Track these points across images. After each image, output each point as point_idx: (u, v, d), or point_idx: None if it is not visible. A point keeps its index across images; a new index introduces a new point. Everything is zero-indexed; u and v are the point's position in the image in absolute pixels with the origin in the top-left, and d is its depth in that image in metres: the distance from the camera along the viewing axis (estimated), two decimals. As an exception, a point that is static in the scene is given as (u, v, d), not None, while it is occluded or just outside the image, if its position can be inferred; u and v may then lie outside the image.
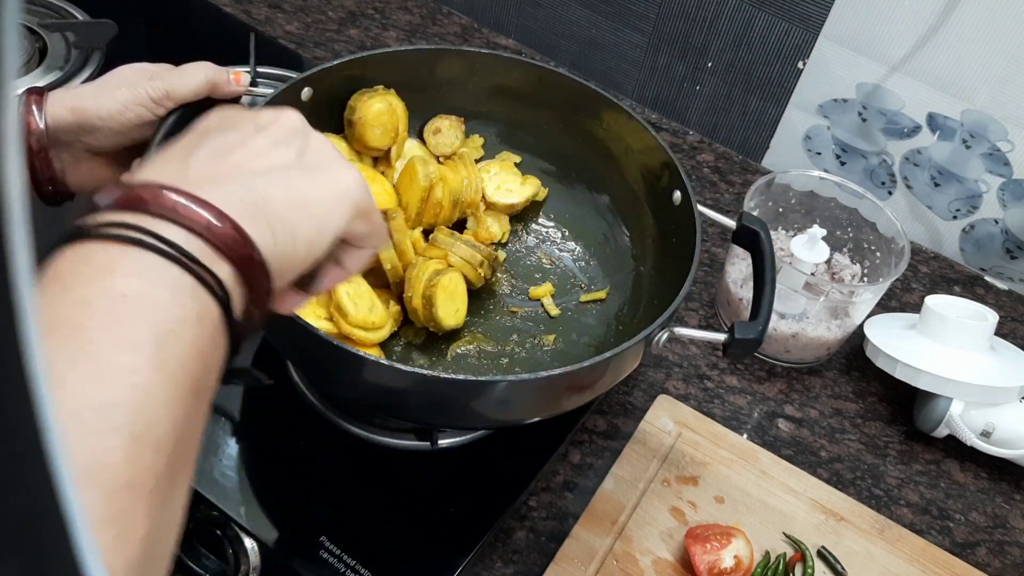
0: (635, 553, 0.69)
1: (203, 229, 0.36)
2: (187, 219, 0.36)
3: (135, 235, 0.35)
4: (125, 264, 0.34)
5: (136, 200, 0.36)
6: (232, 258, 0.37)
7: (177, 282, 0.35)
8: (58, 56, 0.98)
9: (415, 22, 1.19)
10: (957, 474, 0.82)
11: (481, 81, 0.82)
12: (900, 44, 0.93)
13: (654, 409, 0.79)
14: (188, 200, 0.36)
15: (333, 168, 0.44)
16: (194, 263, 0.35)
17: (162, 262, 0.35)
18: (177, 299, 0.34)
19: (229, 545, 0.65)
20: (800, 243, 0.85)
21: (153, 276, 0.34)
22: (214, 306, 0.36)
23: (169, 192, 0.36)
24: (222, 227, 0.37)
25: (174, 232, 0.35)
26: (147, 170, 0.40)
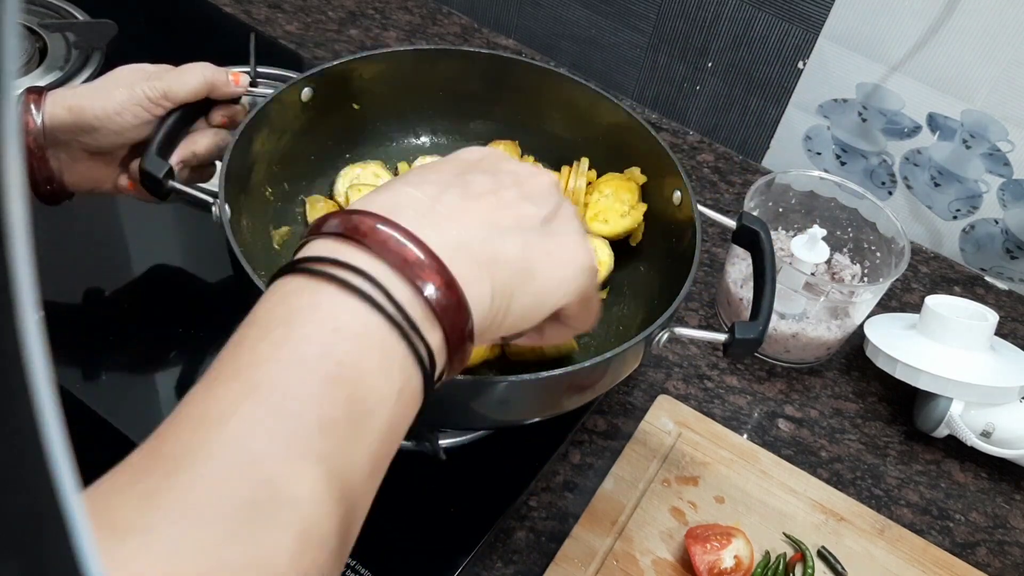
0: (635, 553, 0.69)
1: (430, 292, 0.35)
2: (418, 278, 0.35)
3: (369, 290, 0.34)
4: (352, 323, 0.33)
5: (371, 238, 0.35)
6: (446, 328, 0.36)
7: (392, 352, 0.34)
8: (58, 56, 0.98)
9: (415, 22, 1.19)
10: (957, 474, 0.82)
11: (481, 81, 0.82)
12: (900, 44, 0.93)
13: (654, 409, 0.79)
14: (426, 256, 0.35)
15: (571, 244, 0.42)
16: (413, 331, 0.34)
17: (387, 329, 0.34)
18: (389, 372, 0.34)
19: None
20: (800, 243, 0.85)
21: (374, 344, 0.33)
22: (417, 379, 0.35)
23: (408, 242, 0.35)
24: (448, 294, 0.35)
25: (403, 290, 0.34)
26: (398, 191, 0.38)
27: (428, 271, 0.35)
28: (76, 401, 0.70)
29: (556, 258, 0.41)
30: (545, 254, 0.40)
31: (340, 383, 0.32)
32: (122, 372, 0.73)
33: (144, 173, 0.64)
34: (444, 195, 0.39)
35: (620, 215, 0.79)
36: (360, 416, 0.32)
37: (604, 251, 0.78)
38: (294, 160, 0.77)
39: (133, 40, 1.03)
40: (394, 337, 0.34)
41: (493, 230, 0.39)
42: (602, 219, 0.79)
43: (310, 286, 0.34)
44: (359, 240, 0.35)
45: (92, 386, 0.71)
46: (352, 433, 0.32)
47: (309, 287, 0.34)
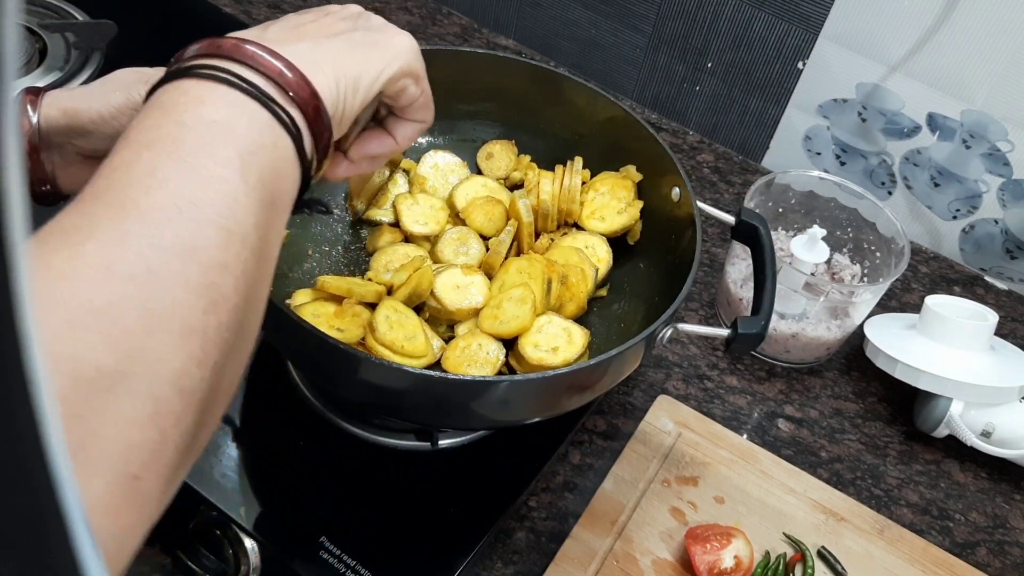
0: (635, 553, 0.69)
1: (276, 76, 0.42)
2: (263, 66, 0.42)
3: (222, 75, 0.41)
4: (215, 97, 0.40)
5: (220, 48, 0.43)
6: (300, 104, 0.43)
7: (256, 114, 0.41)
8: (58, 56, 0.98)
9: (415, 22, 1.19)
10: (957, 474, 0.82)
11: (480, 81, 0.82)
12: (900, 44, 0.93)
13: (654, 409, 0.79)
14: (264, 52, 0.43)
15: (389, 31, 0.51)
16: (271, 100, 0.41)
17: (244, 98, 0.41)
18: (256, 128, 0.41)
19: (229, 546, 0.65)
20: (800, 243, 0.85)
21: (237, 108, 0.41)
22: (287, 139, 0.42)
23: (248, 44, 0.43)
24: (292, 76, 0.43)
25: (252, 76, 0.42)
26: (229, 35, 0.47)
27: (270, 62, 0.43)
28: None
29: (378, 40, 0.50)
30: (369, 40, 0.49)
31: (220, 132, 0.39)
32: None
33: None
34: (268, 29, 0.48)
35: (616, 212, 0.79)
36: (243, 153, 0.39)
37: (602, 248, 0.78)
38: None
39: (133, 40, 1.03)
40: (254, 104, 0.41)
41: (319, 39, 0.47)
42: (599, 216, 0.79)
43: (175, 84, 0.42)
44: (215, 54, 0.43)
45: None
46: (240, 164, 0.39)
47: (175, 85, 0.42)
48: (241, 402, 0.73)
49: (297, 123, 0.43)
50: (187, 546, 0.66)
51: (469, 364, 0.68)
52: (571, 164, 0.80)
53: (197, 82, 0.41)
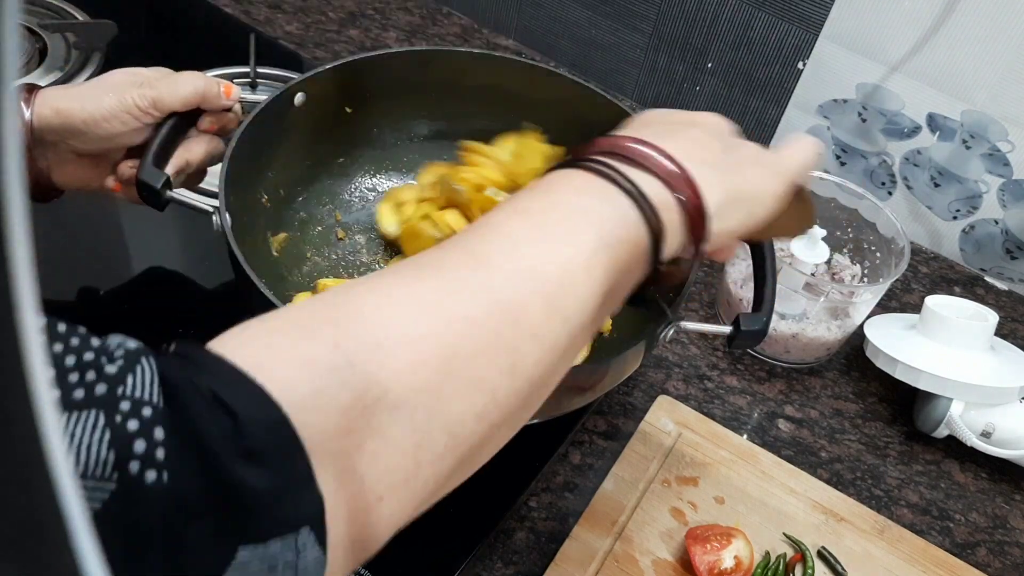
0: (635, 554, 0.69)
1: (663, 173, 0.43)
2: (652, 165, 0.44)
3: (607, 170, 0.43)
4: (592, 187, 0.42)
5: (617, 147, 0.44)
6: (688, 216, 0.44)
7: (626, 211, 0.42)
8: (58, 56, 0.98)
9: (415, 23, 1.19)
10: (957, 474, 0.82)
11: (480, 81, 0.82)
12: (900, 44, 0.93)
13: (654, 409, 0.79)
14: (655, 152, 0.44)
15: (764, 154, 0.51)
16: (643, 200, 0.42)
17: (619, 194, 0.42)
18: (621, 223, 0.42)
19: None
20: (800, 243, 0.85)
21: (610, 202, 0.42)
22: (647, 238, 0.43)
23: (641, 145, 0.44)
24: (679, 174, 0.44)
25: (638, 175, 0.43)
26: (634, 126, 0.49)
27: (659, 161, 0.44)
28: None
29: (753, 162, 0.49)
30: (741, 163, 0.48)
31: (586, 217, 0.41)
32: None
33: (141, 184, 0.63)
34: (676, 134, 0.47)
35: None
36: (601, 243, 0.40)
37: None
38: (289, 165, 0.77)
39: (133, 40, 1.03)
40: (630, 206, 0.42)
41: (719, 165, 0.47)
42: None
43: (564, 172, 0.44)
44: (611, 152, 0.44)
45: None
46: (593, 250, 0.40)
47: (564, 172, 0.44)
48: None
49: (666, 225, 0.43)
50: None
51: None
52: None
53: (583, 172, 0.43)
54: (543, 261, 0.39)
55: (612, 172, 0.43)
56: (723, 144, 0.49)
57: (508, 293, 0.37)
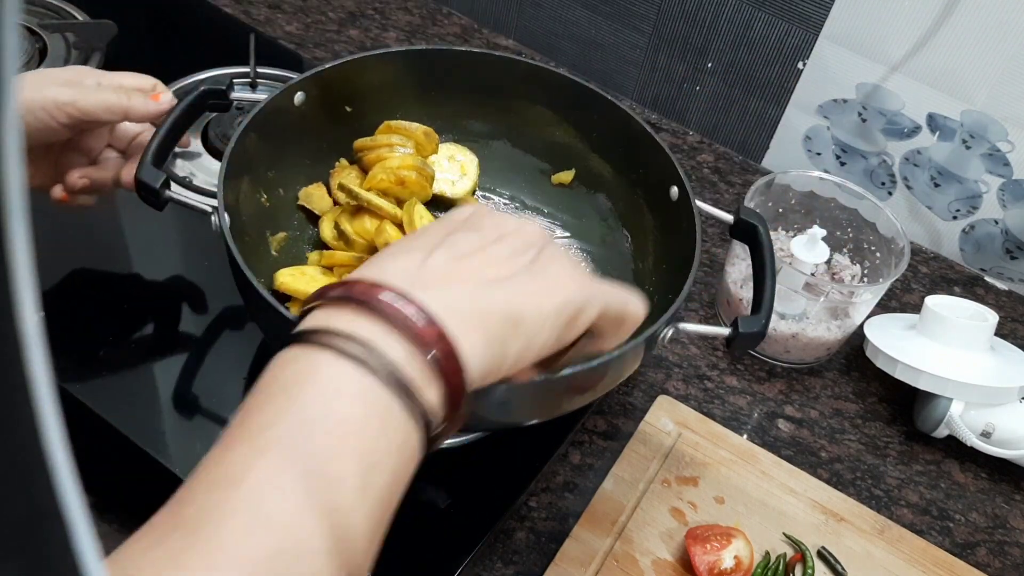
0: (635, 554, 0.69)
1: (426, 348, 0.37)
2: (413, 335, 0.37)
3: (363, 355, 0.36)
4: (350, 386, 0.36)
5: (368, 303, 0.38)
6: (444, 382, 0.38)
7: (390, 411, 0.36)
8: (58, 56, 0.98)
9: (415, 22, 1.19)
10: (957, 474, 0.82)
11: (479, 81, 0.82)
12: (900, 44, 0.93)
13: (654, 409, 0.79)
14: (420, 314, 0.38)
15: (553, 278, 0.44)
16: (410, 394, 0.37)
17: (382, 388, 0.36)
18: (387, 430, 0.36)
19: (229, 545, 0.65)
20: (800, 243, 0.85)
21: (371, 403, 0.36)
22: (416, 435, 0.38)
23: (401, 303, 0.38)
24: (444, 350, 0.38)
25: (399, 350, 0.37)
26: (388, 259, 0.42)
27: (421, 328, 0.38)
28: (76, 401, 0.70)
29: (540, 297, 0.43)
30: (530, 296, 0.42)
31: (343, 439, 0.35)
32: (122, 372, 0.73)
33: (140, 183, 0.63)
34: (430, 259, 0.42)
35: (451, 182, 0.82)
36: (364, 470, 0.35)
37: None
38: (289, 165, 0.77)
39: (133, 40, 1.03)
40: (389, 396, 0.36)
41: (479, 286, 0.41)
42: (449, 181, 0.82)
43: (308, 354, 0.37)
44: (354, 302, 0.38)
45: (92, 386, 0.71)
46: (358, 486, 0.35)
47: (307, 355, 0.37)
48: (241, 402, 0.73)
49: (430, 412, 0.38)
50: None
51: None
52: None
53: (334, 359, 0.36)
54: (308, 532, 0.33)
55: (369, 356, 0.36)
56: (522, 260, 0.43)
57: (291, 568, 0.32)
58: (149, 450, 0.68)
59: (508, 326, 0.41)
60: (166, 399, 0.72)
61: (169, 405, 0.72)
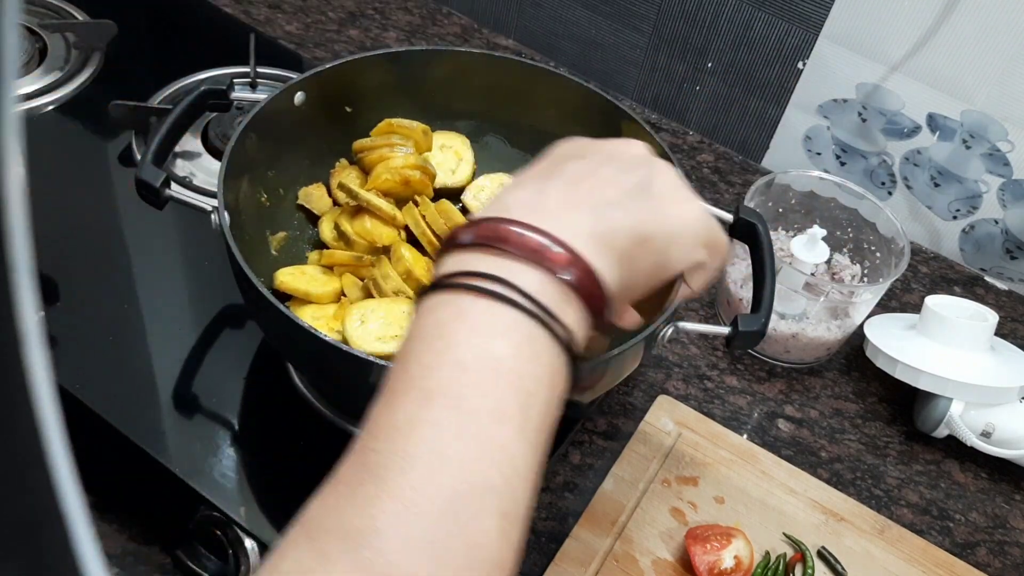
0: (635, 553, 0.69)
1: (560, 271, 0.39)
2: (547, 262, 0.39)
3: (503, 291, 0.38)
4: (495, 323, 0.38)
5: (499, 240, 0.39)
6: (583, 298, 0.40)
7: (537, 341, 0.38)
8: (58, 56, 0.98)
9: (415, 22, 1.19)
10: (957, 474, 0.82)
11: (479, 81, 0.82)
12: (900, 44, 0.93)
13: (654, 409, 0.79)
14: (547, 240, 0.39)
15: (677, 201, 0.45)
16: (552, 319, 0.38)
17: (525, 320, 0.38)
18: (536, 358, 0.38)
19: (229, 546, 0.65)
20: (800, 243, 0.85)
21: (519, 337, 0.38)
22: (563, 358, 0.39)
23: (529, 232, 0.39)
24: (578, 270, 0.39)
25: (535, 280, 0.38)
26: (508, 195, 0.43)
27: (552, 253, 0.39)
28: (76, 401, 0.70)
29: (665, 217, 0.44)
30: (655, 216, 0.44)
31: (500, 375, 0.37)
32: (122, 372, 0.73)
33: (140, 183, 0.63)
34: (547, 188, 0.43)
35: (451, 171, 0.82)
36: (524, 400, 0.37)
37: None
38: (289, 165, 0.77)
39: (133, 40, 1.03)
40: (532, 325, 0.38)
41: (600, 207, 0.42)
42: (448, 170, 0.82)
43: (450, 298, 0.39)
44: (485, 244, 0.40)
45: (92, 386, 0.71)
46: (521, 417, 0.36)
47: (450, 298, 0.39)
48: (241, 402, 0.73)
49: (573, 330, 0.39)
50: (187, 546, 0.66)
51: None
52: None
53: (475, 299, 0.38)
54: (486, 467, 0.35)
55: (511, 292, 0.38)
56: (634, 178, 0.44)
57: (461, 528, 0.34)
58: (149, 450, 0.68)
59: (635, 243, 0.42)
60: (166, 399, 0.72)
61: (169, 405, 0.72)
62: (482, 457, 0.35)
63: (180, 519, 0.67)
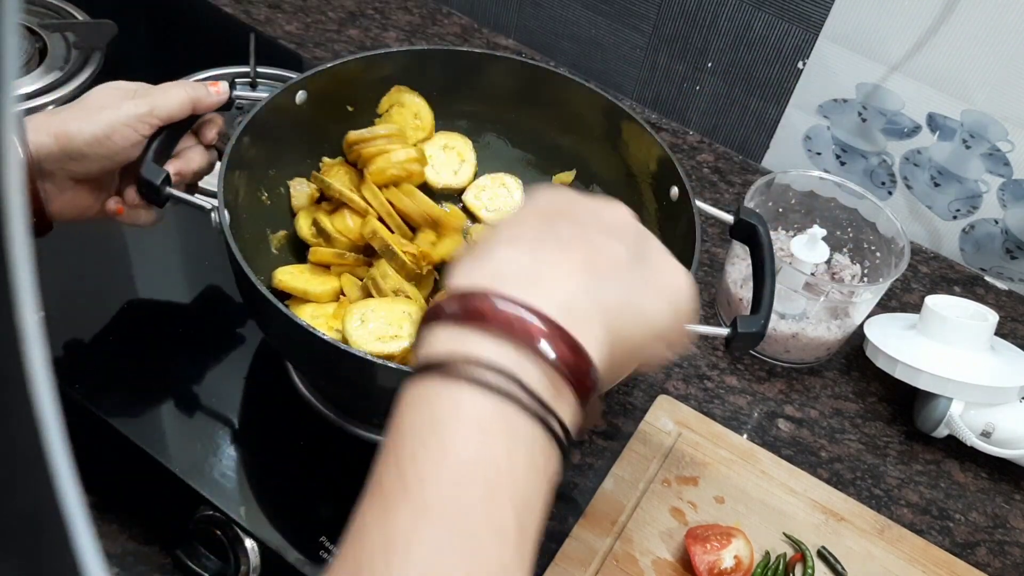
0: (635, 553, 0.69)
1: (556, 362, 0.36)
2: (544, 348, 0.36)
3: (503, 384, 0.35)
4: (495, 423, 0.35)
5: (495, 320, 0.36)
6: (575, 388, 0.37)
7: (533, 440, 0.36)
8: (58, 56, 0.98)
9: (415, 22, 1.19)
10: (957, 474, 0.82)
11: (479, 81, 0.82)
12: (900, 44, 0.93)
13: (654, 409, 0.79)
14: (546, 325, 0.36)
15: (665, 269, 0.44)
16: (549, 414, 0.36)
17: (525, 420, 0.36)
18: (533, 460, 0.36)
19: (229, 545, 0.65)
20: (800, 243, 0.85)
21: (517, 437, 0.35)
22: (556, 453, 0.37)
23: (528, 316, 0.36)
24: (574, 356, 0.37)
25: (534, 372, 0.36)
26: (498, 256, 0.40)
27: (552, 339, 0.36)
28: (76, 401, 0.70)
29: (655, 286, 0.42)
30: (644, 286, 0.42)
31: (499, 487, 0.35)
32: (122, 372, 0.73)
33: (142, 180, 0.63)
34: (540, 252, 0.40)
35: (453, 172, 0.82)
36: (519, 514, 0.35)
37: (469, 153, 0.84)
38: (289, 164, 0.77)
39: (133, 40, 1.03)
40: (531, 425, 0.36)
41: (593, 279, 0.40)
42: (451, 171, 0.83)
43: (448, 389, 0.36)
44: (481, 323, 0.37)
45: (92, 386, 0.71)
46: (519, 534, 0.35)
47: (447, 390, 0.36)
48: (241, 402, 0.73)
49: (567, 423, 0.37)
50: (187, 546, 0.66)
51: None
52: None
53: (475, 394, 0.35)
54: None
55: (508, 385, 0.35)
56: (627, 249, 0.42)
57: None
58: (149, 450, 0.68)
59: (628, 316, 0.40)
60: (166, 399, 0.72)
61: (169, 405, 0.72)
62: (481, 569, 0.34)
63: (180, 519, 0.67)
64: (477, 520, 0.34)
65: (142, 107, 0.64)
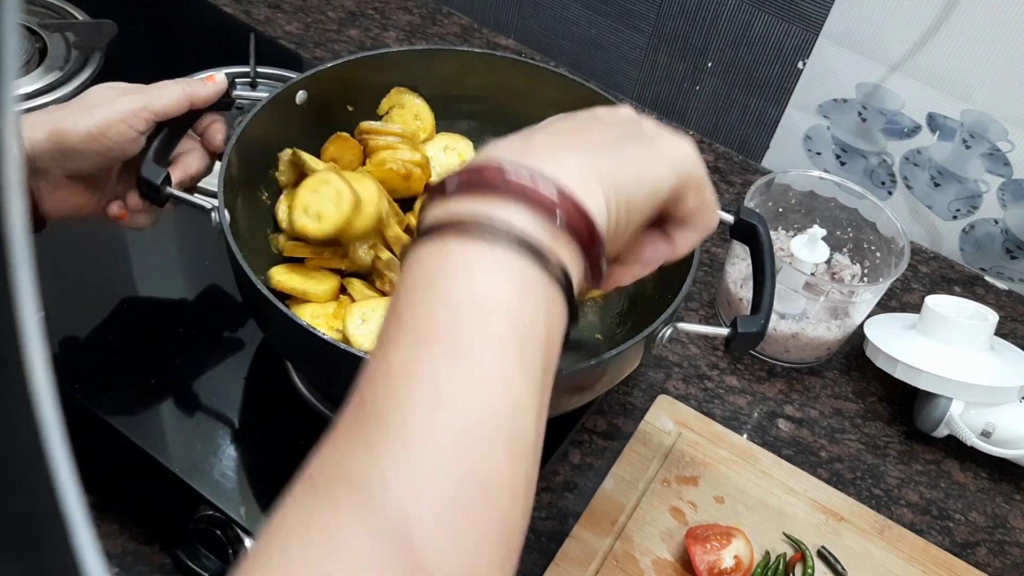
0: (635, 553, 0.69)
1: (549, 210, 0.38)
2: (534, 200, 0.37)
3: (488, 230, 0.37)
4: (483, 262, 0.36)
5: (484, 183, 0.38)
6: (575, 237, 0.38)
7: (528, 276, 0.37)
8: (58, 56, 0.98)
9: (415, 22, 1.19)
10: (957, 474, 0.82)
11: (480, 81, 0.82)
12: (900, 44, 0.93)
13: (654, 409, 0.79)
14: (534, 177, 0.38)
15: (663, 139, 0.45)
16: (545, 256, 0.37)
17: (515, 256, 0.37)
18: (529, 294, 0.37)
19: (229, 545, 0.65)
20: (800, 243, 0.85)
21: (509, 273, 0.36)
22: (559, 294, 0.38)
23: (515, 171, 0.38)
24: (567, 207, 0.38)
25: (522, 218, 0.37)
26: (492, 146, 0.42)
27: (540, 192, 0.38)
28: (76, 401, 0.70)
29: (655, 151, 0.44)
30: (644, 151, 0.43)
31: (494, 312, 0.36)
32: (122, 372, 0.73)
33: (142, 180, 0.63)
34: (533, 136, 0.43)
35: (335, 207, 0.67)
36: (521, 333, 0.36)
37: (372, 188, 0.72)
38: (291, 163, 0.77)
39: (133, 40, 1.03)
40: (523, 262, 0.37)
41: (587, 154, 0.41)
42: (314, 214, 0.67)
43: (438, 246, 0.37)
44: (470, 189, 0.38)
45: (92, 386, 0.71)
46: (519, 351, 0.36)
47: (438, 247, 0.37)
48: (241, 402, 0.73)
49: (568, 268, 0.38)
50: (187, 546, 0.66)
51: None
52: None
53: (461, 242, 0.37)
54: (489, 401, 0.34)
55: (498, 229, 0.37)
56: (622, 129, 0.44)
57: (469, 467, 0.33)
58: (149, 450, 0.68)
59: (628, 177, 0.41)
60: (166, 399, 0.72)
61: (169, 405, 0.72)
62: (483, 392, 0.34)
63: (180, 519, 0.67)
64: (473, 341, 0.35)
65: (136, 102, 0.64)
